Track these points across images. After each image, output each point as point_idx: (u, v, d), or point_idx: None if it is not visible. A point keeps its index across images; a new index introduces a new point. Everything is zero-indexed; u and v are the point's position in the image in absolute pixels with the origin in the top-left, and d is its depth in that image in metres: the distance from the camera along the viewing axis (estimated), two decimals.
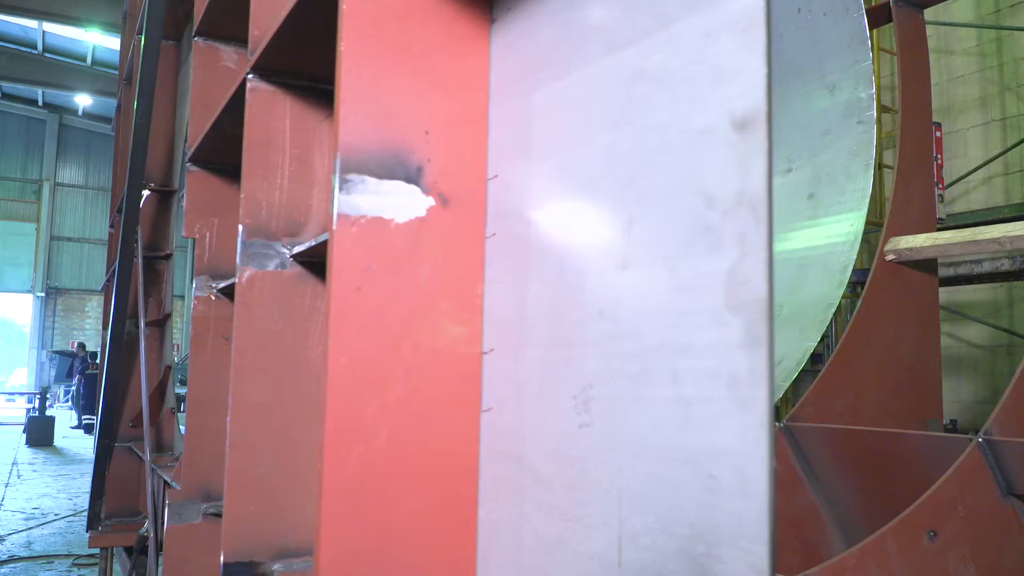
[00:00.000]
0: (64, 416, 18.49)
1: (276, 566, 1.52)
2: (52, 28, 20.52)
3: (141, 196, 3.29)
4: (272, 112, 1.59)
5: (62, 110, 25.83)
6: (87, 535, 4.13)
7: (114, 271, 3.68)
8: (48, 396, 16.14)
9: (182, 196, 3.04)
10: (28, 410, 16.15)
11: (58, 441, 14.86)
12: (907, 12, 3.78)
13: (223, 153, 2.18)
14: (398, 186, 1.09)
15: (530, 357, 1.04)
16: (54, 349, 23.62)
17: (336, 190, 1.05)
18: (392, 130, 1.10)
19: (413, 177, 1.11)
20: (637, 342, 0.86)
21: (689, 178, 0.80)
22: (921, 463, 2.79)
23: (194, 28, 2.25)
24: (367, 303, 1.06)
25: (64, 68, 22.40)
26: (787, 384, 3.37)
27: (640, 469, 0.84)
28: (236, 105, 1.72)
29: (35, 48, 21.88)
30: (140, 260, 3.31)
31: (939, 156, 3.92)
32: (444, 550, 1.10)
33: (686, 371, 0.79)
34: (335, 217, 1.05)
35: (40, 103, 25.57)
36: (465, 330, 1.13)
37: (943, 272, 5.06)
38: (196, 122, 2.19)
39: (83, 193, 26.19)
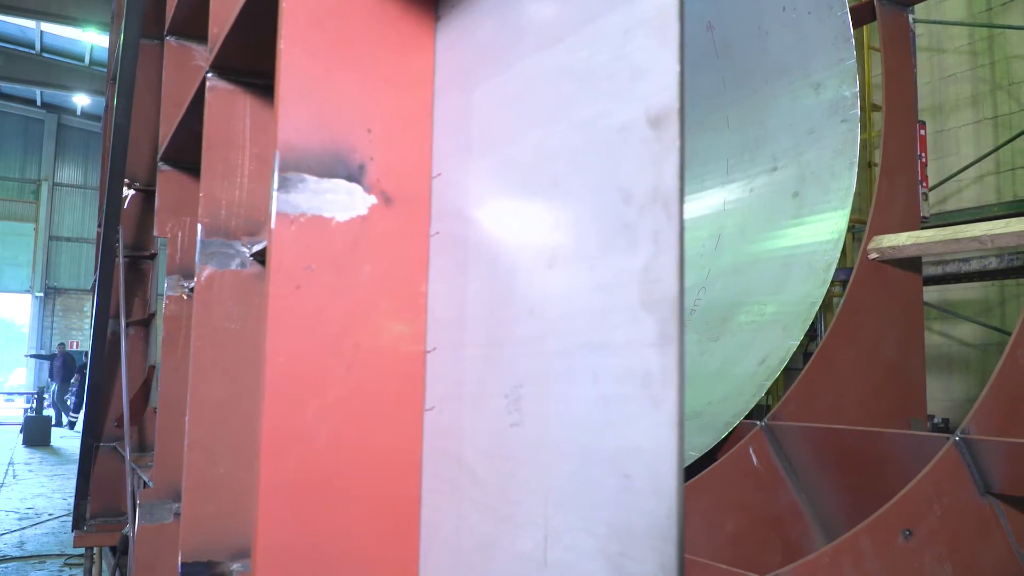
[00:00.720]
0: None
1: (235, 566, 1.52)
2: (50, 28, 20.53)
3: (121, 195, 3.29)
4: (232, 111, 1.58)
5: (60, 110, 25.85)
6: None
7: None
8: (45, 396, 16.16)
9: None
10: (25, 410, 16.16)
11: (55, 441, 14.87)
12: (891, 10, 3.78)
13: (193, 152, 2.17)
14: (339, 185, 1.09)
15: (468, 356, 1.03)
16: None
17: (275, 189, 1.05)
18: (333, 129, 1.09)
19: (355, 176, 1.10)
20: (562, 341, 0.85)
21: (610, 175, 0.80)
22: (900, 462, 2.78)
23: (165, 27, 2.24)
24: (306, 302, 1.06)
25: (62, 68, 22.43)
26: (769, 383, 3.37)
27: (564, 468, 0.84)
28: (199, 104, 1.72)
29: (33, 48, 21.89)
30: (121, 260, 3.31)
31: (923, 155, 3.89)
32: (386, 550, 1.09)
33: (605, 369, 0.78)
34: (273, 216, 1.05)
35: (38, 103, 25.59)
36: (408, 329, 1.13)
37: (931, 271, 5.05)
38: (167, 121, 2.19)
39: (81, 193, 26.19)
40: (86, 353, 18.69)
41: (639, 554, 0.72)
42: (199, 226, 1.55)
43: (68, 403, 17.89)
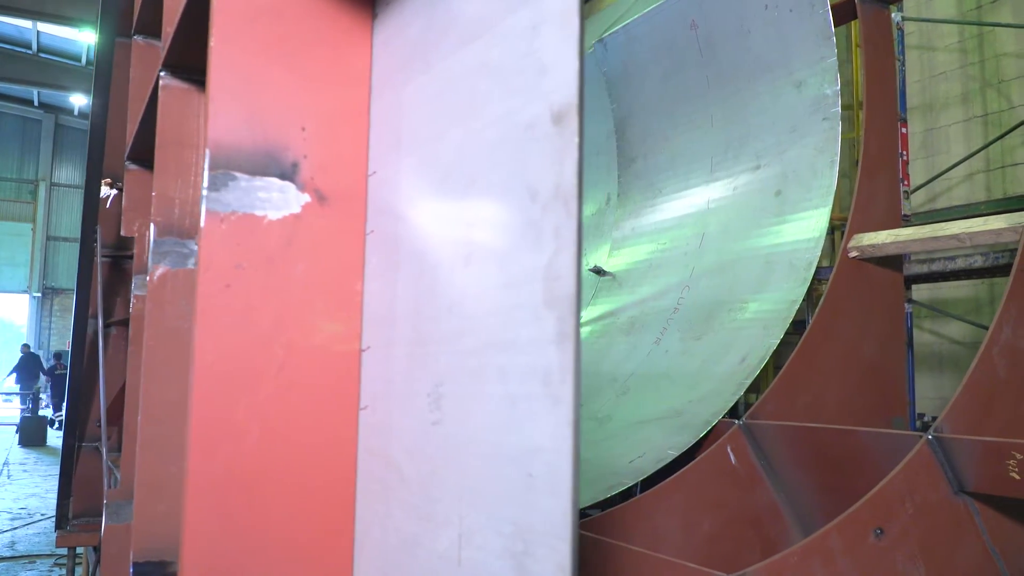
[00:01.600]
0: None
1: None
2: (46, 28, 20.52)
3: (99, 195, 3.28)
4: (185, 109, 1.58)
5: (58, 110, 25.85)
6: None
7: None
8: (42, 396, 16.16)
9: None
10: (22, 410, 16.16)
11: (51, 441, 14.87)
12: (872, 8, 3.76)
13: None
14: (271, 183, 1.08)
15: (397, 355, 1.03)
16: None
17: (205, 187, 1.04)
18: (266, 127, 1.09)
19: (288, 174, 1.10)
20: (477, 338, 0.85)
21: (519, 172, 0.80)
22: (877, 461, 2.77)
23: (133, 26, 2.24)
24: (237, 300, 1.05)
25: (59, 68, 22.42)
26: (748, 381, 3.36)
27: (476, 467, 0.83)
28: (156, 102, 1.72)
29: (30, 48, 21.89)
30: (99, 259, 3.31)
31: (905, 153, 3.89)
32: (320, 550, 1.09)
33: (512, 368, 0.78)
34: (203, 214, 1.04)
35: (36, 103, 25.58)
36: (343, 328, 1.12)
37: (917, 269, 5.05)
38: (133, 120, 2.19)
39: (79, 193, 26.12)
40: (56, 354, 18.97)
41: (539, 552, 0.72)
42: (152, 225, 1.55)
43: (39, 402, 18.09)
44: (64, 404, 3.83)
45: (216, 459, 1.03)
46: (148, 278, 1.54)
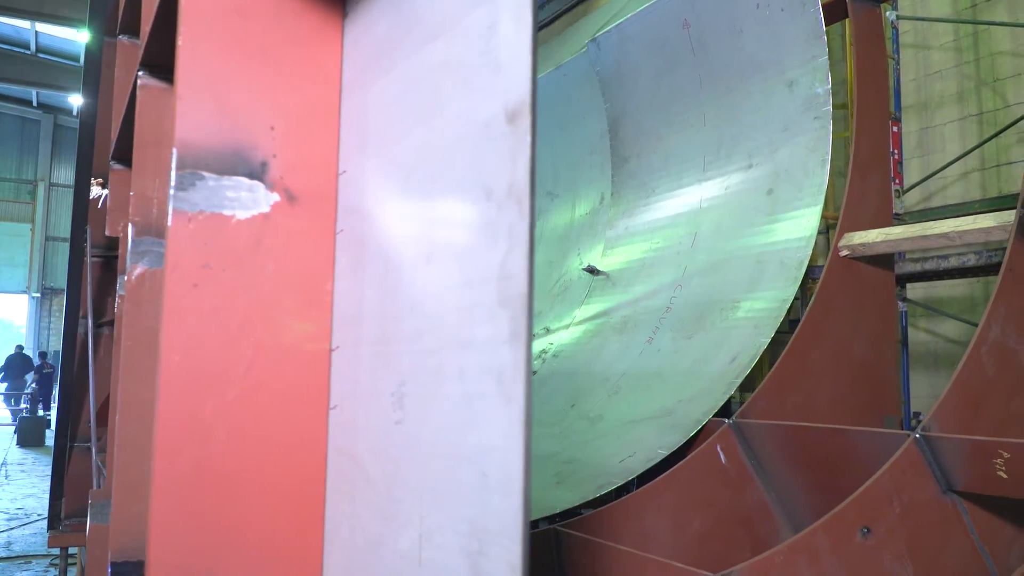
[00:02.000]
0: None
1: None
2: (45, 28, 20.51)
3: (88, 194, 3.28)
4: (163, 109, 1.58)
5: (57, 110, 25.84)
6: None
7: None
8: (40, 397, 16.17)
9: None
10: (21, 410, 16.18)
11: (50, 441, 14.88)
12: (863, 7, 3.76)
13: None
14: (240, 182, 1.08)
15: (364, 354, 1.03)
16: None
17: (172, 186, 1.04)
18: (235, 126, 1.09)
19: (256, 173, 1.09)
20: (437, 338, 0.85)
21: (476, 171, 0.79)
22: (866, 460, 2.77)
23: (118, 26, 2.24)
24: (204, 300, 1.05)
25: (58, 68, 22.41)
26: (739, 381, 3.36)
27: (436, 466, 0.83)
28: (135, 102, 1.71)
29: (28, 48, 21.88)
30: (89, 259, 3.30)
31: (896, 152, 3.88)
32: (289, 551, 1.09)
33: (470, 367, 0.78)
34: (170, 213, 1.04)
35: (35, 104, 25.57)
36: (313, 327, 1.12)
37: (911, 268, 5.04)
38: (117, 119, 2.19)
39: None
40: (41, 353, 19.09)
41: (493, 552, 0.72)
42: (130, 225, 1.55)
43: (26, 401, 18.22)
44: (50, 403, 3.83)
45: (182, 459, 1.03)
46: (126, 278, 1.54)
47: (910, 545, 2.46)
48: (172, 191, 1.04)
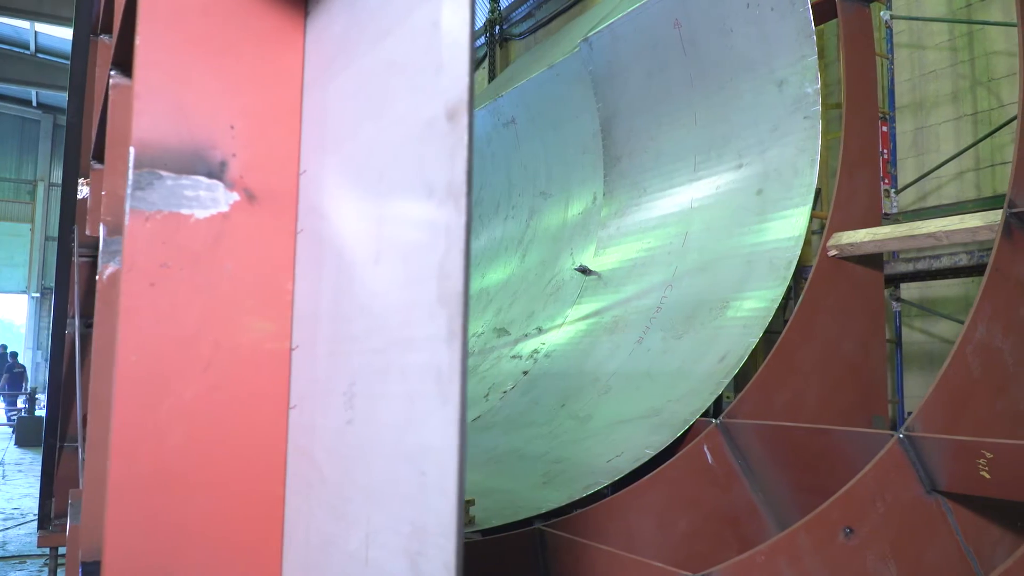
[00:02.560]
0: None
1: None
2: (44, 28, 20.52)
3: (76, 194, 3.28)
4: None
5: (56, 110, 25.83)
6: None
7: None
8: (38, 397, 16.19)
9: None
10: (20, 410, 16.19)
11: None
12: (853, 6, 3.76)
13: None
14: (199, 181, 1.08)
15: (319, 354, 1.02)
16: None
17: (129, 186, 1.04)
18: (193, 125, 1.08)
19: (215, 172, 1.09)
20: (383, 337, 0.85)
21: (420, 169, 0.79)
22: (851, 459, 2.77)
23: (98, 27, 2.24)
24: (161, 300, 1.05)
25: (58, 68, 22.40)
26: (727, 380, 3.36)
27: (382, 466, 0.83)
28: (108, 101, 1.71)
29: (28, 48, 21.89)
30: (76, 259, 3.30)
31: (885, 151, 3.86)
32: (248, 551, 1.08)
33: (411, 366, 0.78)
34: (127, 213, 1.04)
35: (34, 104, 25.59)
36: (272, 326, 1.11)
37: (903, 268, 5.04)
38: (96, 119, 2.19)
39: None
40: (12, 353, 19.28)
41: (431, 552, 0.72)
42: (101, 225, 1.55)
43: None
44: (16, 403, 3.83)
45: (139, 459, 1.02)
46: (98, 277, 1.54)
47: (894, 545, 2.46)
48: (129, 190, 1.04)
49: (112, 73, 1.57)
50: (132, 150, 1.05)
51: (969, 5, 6.61)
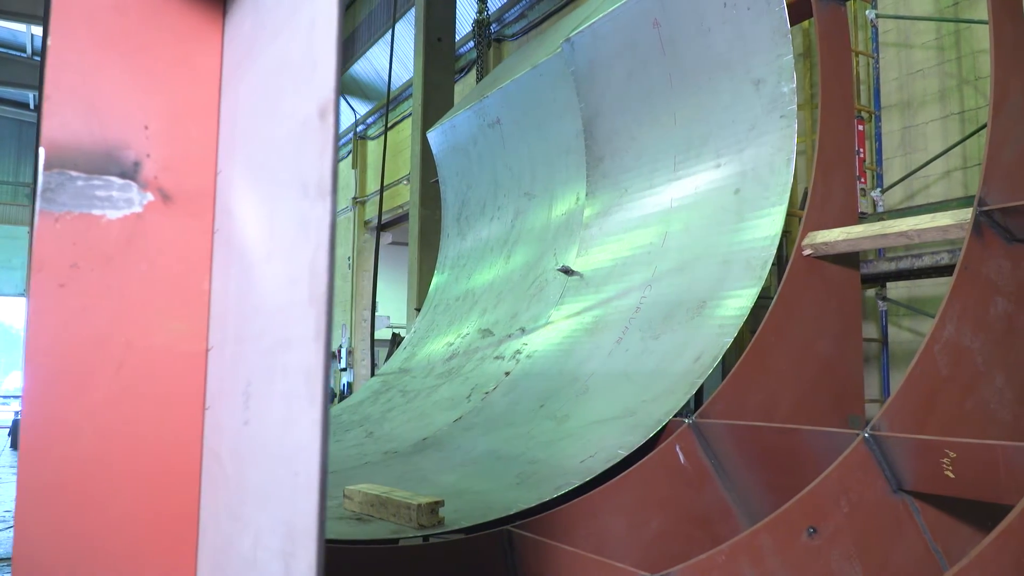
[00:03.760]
0: None
1: None
2: (41, 31, 20.51)
3: None
4: None
5: None
6: None
7: None
8: None
9: None
10: (15, 413, 16.19)
11: None
12: (828, 5, 3.75)
13: None
14: (111, 182, 1.08)
15: (227, 354, 1.02)
16: None
17: (39, 187, 1.03)
18: (106, 126, 1.08)
19: (129, 173, 1.09)
20: (272, 337, 0.84)
21: (299, 167, 0.79)
22: (819, 459, 2.76)
23: None
24: (71, 300, 1.05)
25: None
26: (701, 381, 3.35)
27: (268, 466, 0.82)
28: None
29: (24, 52, 21.91)
30: None
31: (861, 150, 3.86)
32: (161, 553, 1.08)
33: (290, 366, 0.77)
34: (36, 214, 1.03)
35: (32, 107, 25.61)
36: (188, 327, 1.11)
37: (885, 267, 5.02)
38: None
39: None
40: None
41: (299, 553, 0.71)
42: None
43: None
44: None
45: (48, 460, 1.02)
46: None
47: (859, 545, 2.45)
48: (39, 191, 1.04)
49: None
50: (42, 151, 1.04)
51: (956, 3, 6.60)
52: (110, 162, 1.08)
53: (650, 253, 4.32)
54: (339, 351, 15.99)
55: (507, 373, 4.73)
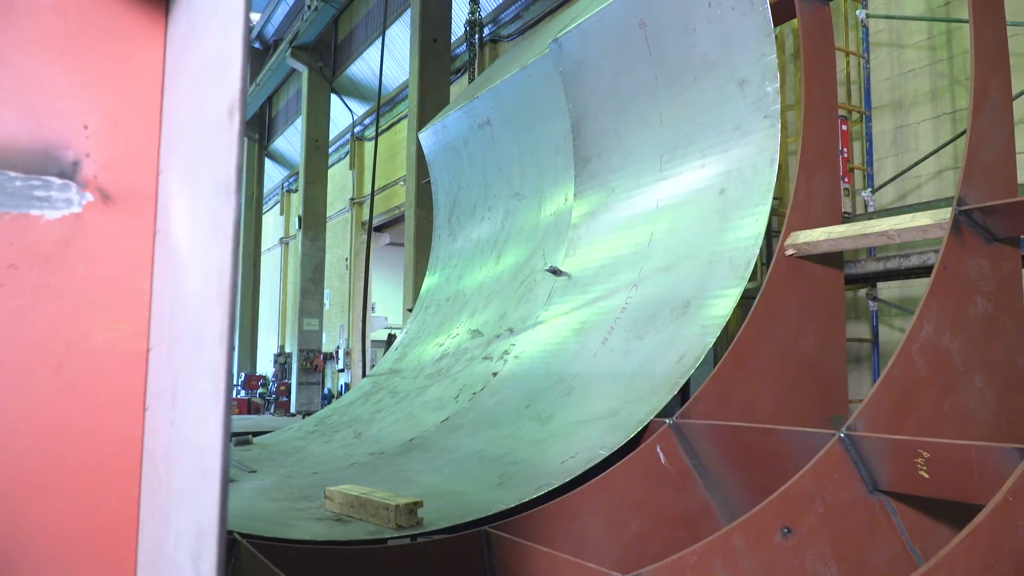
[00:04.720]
0: None
1: None
2: None
3: None
4: None
5: None
6: None
7: None
8: None
9: None
10: None
11: None
12: (811, 6, 3.74)
13: None
14: (49, 182, 1.07)
15: (163, 354, 1.02)
16: None
17: None
18: (44, 125, 1.08)
19: (68, 173, 1.09)
20: (192, 336, 0.84)
21: (213, 165, 0.79)
22: (797, 459, 2.75)
23: None
24: (8, 300, 1.04)
25: None
26: (683, 381, 3.34)
27: (186, 467, 0.82)
28: None
29: None
30: None
31: (845, 150, 3.85)
32: (100, 555, 1.08)
33: (203, 365, 0.77)
34: None
35: None
36: (129, 327, 1.11)
37: (873, 267, 5.02)
38: None
39: None
40: None
41: (205, 553, 0.71)
42: None
43: None
44: None
45: None
46: None
47: (834, 545, 2.44)
48: None
49: None
50: None
51: (947, 3, 6.59)
52: (49, 162, 1.08)
53: (636, 253, 4.32)
54: (336, 352, 16.01)
55: (495, 374, 4.72)
